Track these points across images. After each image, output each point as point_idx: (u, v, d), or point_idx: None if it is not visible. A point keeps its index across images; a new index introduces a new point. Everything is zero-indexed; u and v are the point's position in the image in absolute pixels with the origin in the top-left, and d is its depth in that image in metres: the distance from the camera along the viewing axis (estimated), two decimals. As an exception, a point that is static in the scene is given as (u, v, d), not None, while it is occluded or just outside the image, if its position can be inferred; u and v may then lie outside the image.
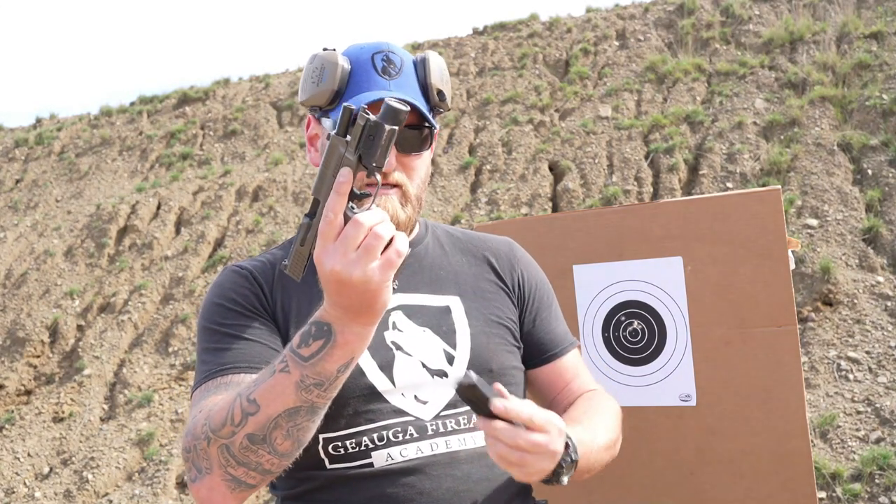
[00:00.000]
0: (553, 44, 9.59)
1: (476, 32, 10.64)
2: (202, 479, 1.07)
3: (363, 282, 0.93)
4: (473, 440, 1.25)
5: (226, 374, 1.18)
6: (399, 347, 1.26)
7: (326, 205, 0.95)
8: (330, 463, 1.20)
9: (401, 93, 1.23)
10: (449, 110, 1.41)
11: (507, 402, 1.03)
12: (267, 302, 1.26)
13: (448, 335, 1.29)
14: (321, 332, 1.00)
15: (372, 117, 0.95)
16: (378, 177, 0.99)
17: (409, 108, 0.96)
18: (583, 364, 1.47)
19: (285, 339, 1.23)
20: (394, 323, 1.27)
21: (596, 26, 9.63)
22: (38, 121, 11.75)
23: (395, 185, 1.25)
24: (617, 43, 9.18)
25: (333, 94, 1.23)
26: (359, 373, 1.21)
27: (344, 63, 1.23)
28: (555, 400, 1.41)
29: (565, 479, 1.09)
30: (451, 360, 1.28)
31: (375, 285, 0.94)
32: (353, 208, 0.96)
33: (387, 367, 1.24)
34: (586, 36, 9.43)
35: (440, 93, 1.29)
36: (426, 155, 1.30)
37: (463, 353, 1.29)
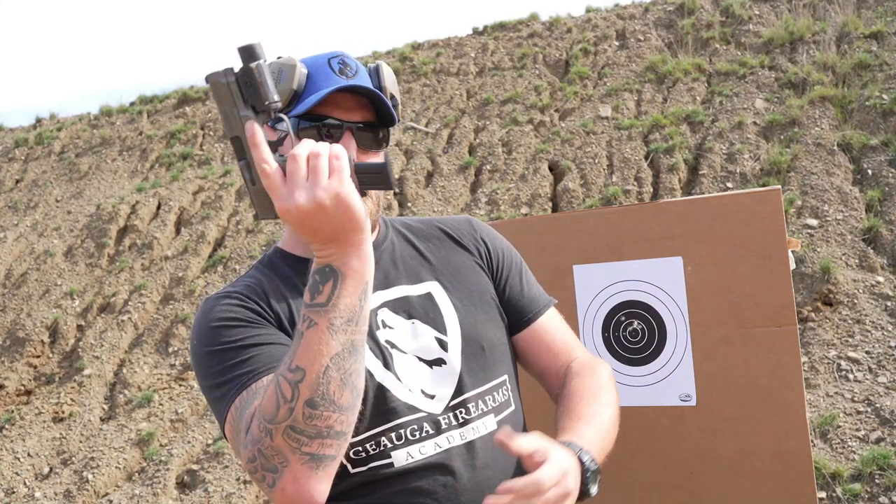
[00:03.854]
0: (553, 44, 9.59)
1: (476, 32, 10.64)
2: (281, 475, 1.03)
3: (328, 198, 0.97)
4: (485, 426, 1.28)
5: (258, 377, 1.14)
6: (394, 346, 1.28)
7: (255, 161, 0.98)
8: (353, 468, 1.22)
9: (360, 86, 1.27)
10: (400, 120, 1.43)
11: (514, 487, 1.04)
12: (269, 313, 1.24)
13: (436, 321, 1.32)
14: (325, 276, 1.02)
15: (234, 69, 0.99)
16: (287, 122, 1.05)
17: (258, 43, 1.00)
18: (562, 323, 1.48)
19: None
20: (383, 321, 1.29)
21: (596, 26, 9.63)
22: (38, 121, 11.75)
23: None
24: (617, 43, 9.18)
25: (292, 94, 1.25)
26: (367, 375, 1.21)
27: (301, 67, 1.26)
28: (545, 372, 1.42)
29: (594, 489, 1.13)
30: (444, 345, 1.30)
31: (343, 195, 0.97)
32: (281, 156, 1.00)
33: (389, 366, 1.26)
34: (586, 36, 9.43)
35: (392, 97, 1.33)
36: (382, 154, 1.33)
37: (454, 334, 1.32)
